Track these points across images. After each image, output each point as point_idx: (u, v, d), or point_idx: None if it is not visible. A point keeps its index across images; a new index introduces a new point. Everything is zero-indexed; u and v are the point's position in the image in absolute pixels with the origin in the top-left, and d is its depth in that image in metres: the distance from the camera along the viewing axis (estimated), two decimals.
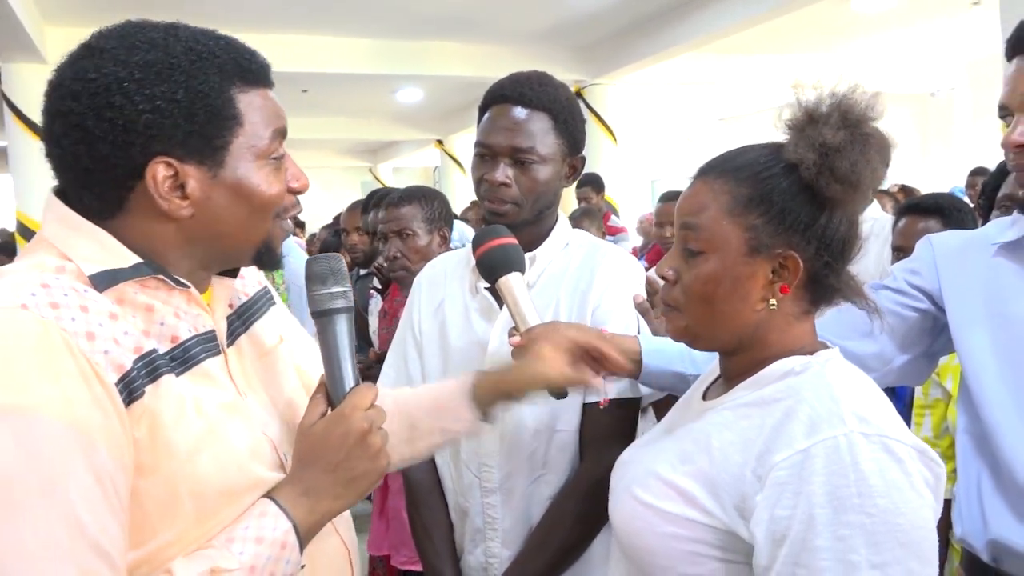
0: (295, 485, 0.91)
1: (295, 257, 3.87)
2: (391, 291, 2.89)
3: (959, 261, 1.33)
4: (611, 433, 1.38)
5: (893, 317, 1.30)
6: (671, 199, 3.79)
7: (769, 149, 0.99)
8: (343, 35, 7.93)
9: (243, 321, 1.03)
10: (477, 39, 8.19)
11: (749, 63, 9.19)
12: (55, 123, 0.86)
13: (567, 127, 1.44)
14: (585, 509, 1.37)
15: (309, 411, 0.95)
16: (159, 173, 0.86)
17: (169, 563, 0.82)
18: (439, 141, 12.76)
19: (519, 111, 1.41)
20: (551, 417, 1.40)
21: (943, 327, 1.33)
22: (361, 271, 3.60)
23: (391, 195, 2.53)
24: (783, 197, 0.96)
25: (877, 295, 1.10)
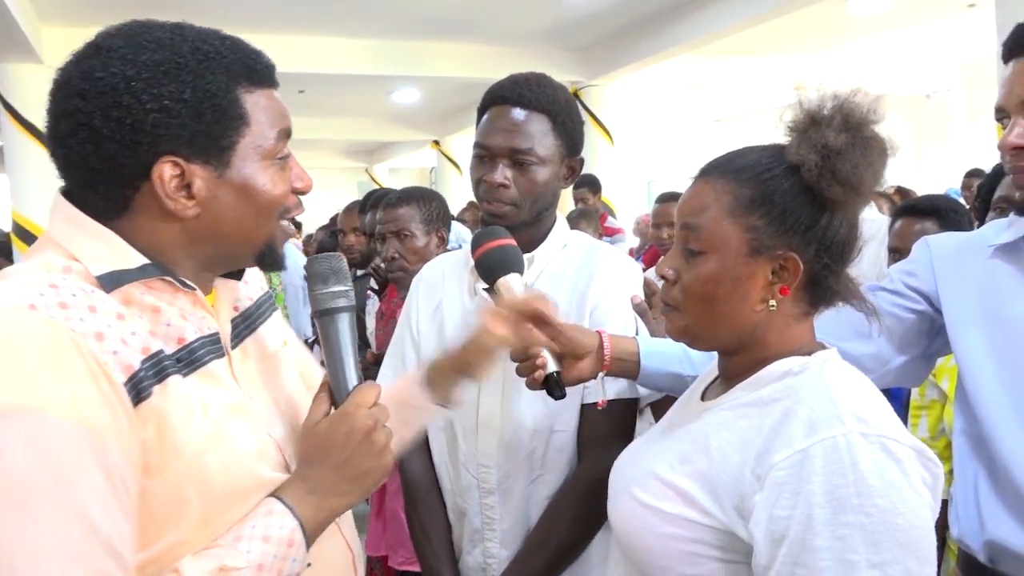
0: (301, 484, 0.91)
1: (291, 258, 3.87)
2: (388, 292, 2.89)
3: (956, 263, 1.33)
4: (609, 434, 1.38)
5: (890, 318, 1.30)
6: (668, 200, 3.79)
7: (771, 151, 1.00)
8: (340, 36, 7.93)
9: (248, 324, 1.03)
10: (474, 40, 8.19)
11: (745, 64, 9.21)
12: (61, 122, 0.85)
13: (566, 128, 1.44)
14: (583, 509, 1.37)
15: (313, 410, 0.96)
16: (166, 173, 0.85)
17: (176, 562, 0.82)
18: (436, 142, 12.76)
19: (518, 112, 1.41)
20: (549, 418, 1.40)
21: (940, 328, 1.34)
22: (358, 272, 3.60)
23: (389, 196, 2.53)
24: (784, 198, 0.96)
25: (874, 297, 1.11)
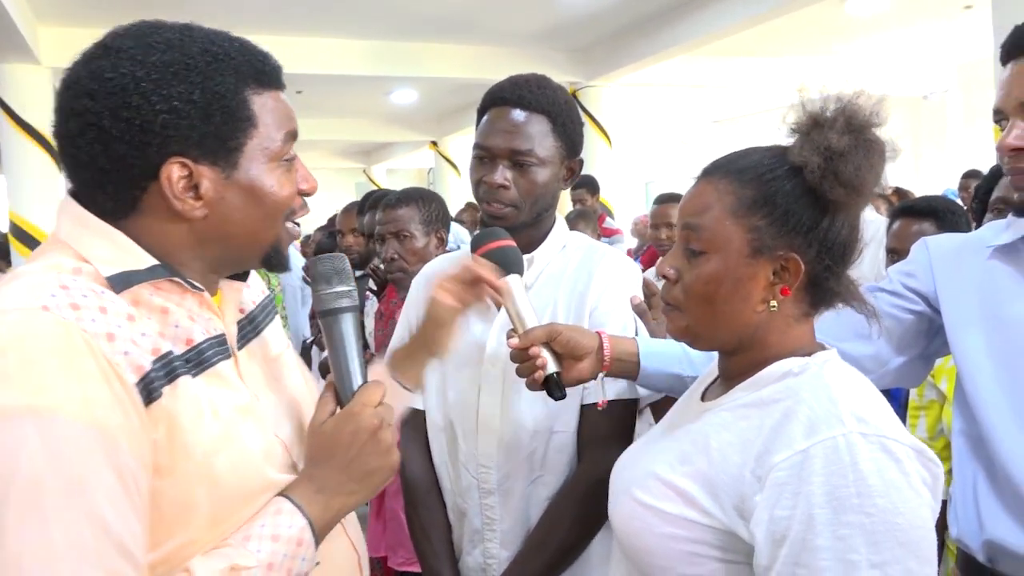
0: (308, 483, 0.92)
1: (290, 259, 3.86)
2: (387, 293, 2.89)
3: (954, 263, 1.33)
4: (609, 434, 1.38)
5: (889, 319, 1.30)
6: (666, 201, 3.79)
7: (774, 152, 1.00)
8: (338, 36, 7.93)
9: (253, 327, 1.03)
10: (471, 41, 8.20)
11: (743, 65, 9.23)
12: (70, 122, 0.85)
13: (565, 130, 1.44)
14: (583, 510, 1.37)
15: (319, 410, 0.96)
16: (174, 173, 0.86)
17: (186, 562, 0.82)
18: (433, 143, 12.76)
19: (518, 114, 1.41)
20: (549, 418, 1.41)
21: (939, 329, 1.34)
22: (357, 273, 3.60)
23: (389, 197, 2.52)
24: (787, 199, 0.96)
25: (873, 297, 1.11)
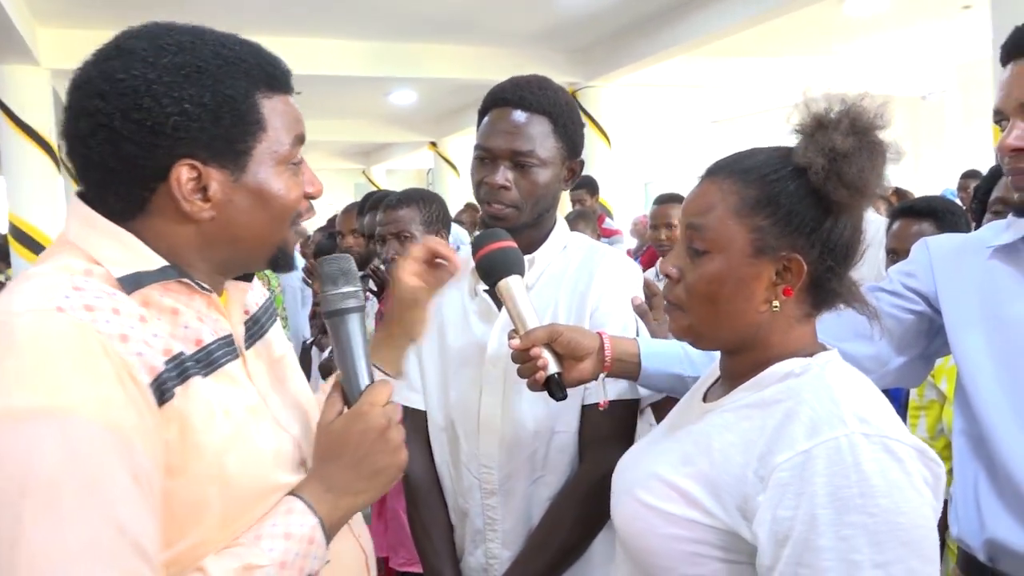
0: (318, 482, 0.93)
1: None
2: (387, 294, 2.89)
3: (955, 264, 1.34)
4: (610, 434, 1.38)
5: (889, 319, 1.30)
6: (666, 201, 3.79)
7: (778, 152, 1.00)
8: (337, 37, 7.94)
9: (258, 328, 1.04)
10: (470, 41, 8.20)
11: (741, 66, 9.23)
12: (80, 122, 0.86)
13: (566, 131, 1.44)
14: (585, 510, 1.37)
15: (326, 410, 0.97)
16: (183, 175, 0.86)
17: (198, 561, 0.83)
18: (432, 143, 12.77)
19: (519, 114, 1.41)
20: (550, 419, 1.41)
21: (939, 329, 1.34)
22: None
23: (390, 197, 2.53)
24: (790, 200, 0.96)
25: (874, 297, 1.11)
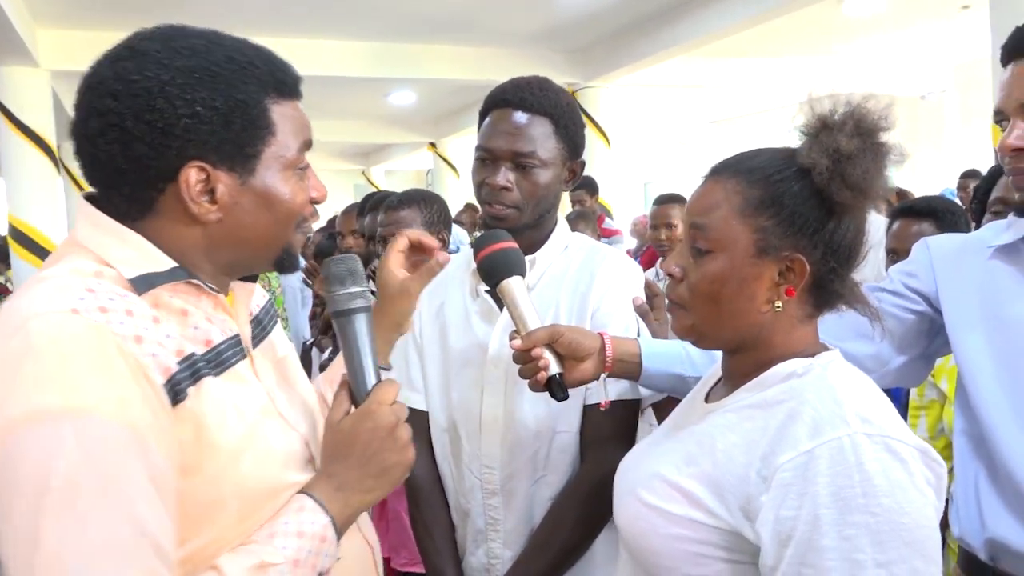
0: (328, 480, 0.93)
1: None
2: None
3: (955, 264, 1.34)
4: (611, 435, 1.39)
5: (890, 319, 1.31)
6: (666, 202, 3.79)
7: (782, 153, 1.01)
8: (337, 37, 7.94)
9: (263, 328, 1.05)
10: (470, 42, 8.20)
11: (740, 66, 9.24)
12: (91, 121, 0.86)
13: (567, 131, 1.44)
14: (586, 510, 1.38)
15: (334, 409, 0.97)
16: (192, 177, 0.87)
17: (211, 560, 0.83)
18: (432, 144, 12.77)
19: (520, 115, 1.41)
20: (552, 419, 1.41)
21: (939, 329, 1.34)
22: None
23: (391, 198, 2.52)
24: (794, 200, 0.97)
25: (875, 298, 1.12)
